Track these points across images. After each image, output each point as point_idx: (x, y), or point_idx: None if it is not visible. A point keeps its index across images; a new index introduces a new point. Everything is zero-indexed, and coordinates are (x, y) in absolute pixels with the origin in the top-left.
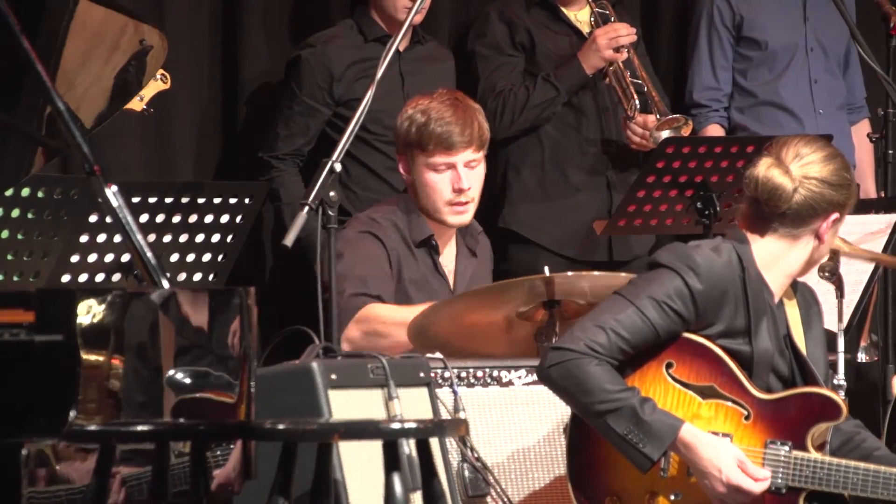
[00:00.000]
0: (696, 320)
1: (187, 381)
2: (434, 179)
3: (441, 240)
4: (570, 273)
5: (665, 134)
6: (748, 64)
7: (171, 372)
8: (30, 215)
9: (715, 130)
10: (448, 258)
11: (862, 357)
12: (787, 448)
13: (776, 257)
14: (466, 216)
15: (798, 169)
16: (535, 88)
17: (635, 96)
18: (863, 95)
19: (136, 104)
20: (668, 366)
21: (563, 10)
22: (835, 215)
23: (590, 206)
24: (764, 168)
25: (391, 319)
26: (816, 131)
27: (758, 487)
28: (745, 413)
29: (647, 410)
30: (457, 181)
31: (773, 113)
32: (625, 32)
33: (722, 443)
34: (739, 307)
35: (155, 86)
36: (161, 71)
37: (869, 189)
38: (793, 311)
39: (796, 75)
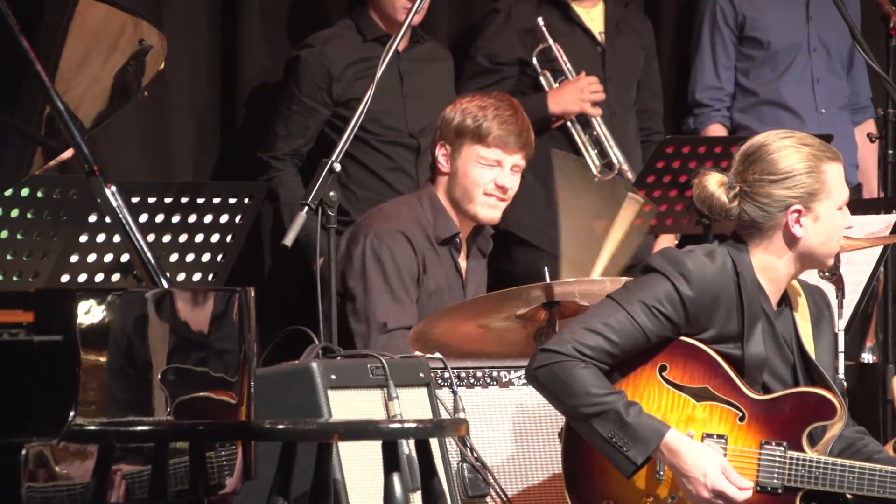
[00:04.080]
0: (687, 325)
1: (187, 381)
2: (479, 171)
3: (462, 238)
4: (571, 280)
5: None
6: (750, 63)
7: (171, 372)
8: (29, 215)
9: (717, 130)
10: (463, 256)
11: (868, 357)
12: (782, 448)
13: (765, 262)
14: (497, 213)
15: (734, 176)
16: None
17: (594, 158)
18: (868, 96)
19: None
20: (662, 368)
21: (575, 7)
22: (794, 207)
23: None
24: (698, 188)
25: None
26: (818, 131)
27: (741, 496)
28: (740, 414)
29: (632, 414)
30: (500, 179)
31: (774, 112)
32: (599, 89)
33: (707, 449)
34: (732, 312)
35: None
36: None
37: (873, 189)
38: (803, 315)
39: (798, 75)
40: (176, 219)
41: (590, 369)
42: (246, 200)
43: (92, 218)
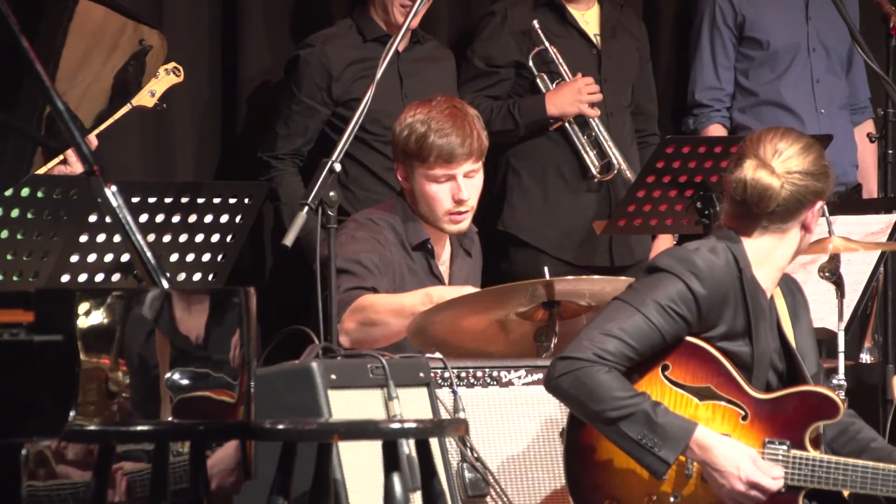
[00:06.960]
0: (698, 323)
1: (187, 381)
2: (434, 190)
3: (437, 243)
4: (570, 277)
5: None
6: (750, 64)
7: (171, 372)
8: (29, 215)
9: (717, 130)
10: (444, 259)
11: (866, 358)
12: (785, 447)
13: (767, 254)
14: (464, 224)
15: (780, 165)
16: (498, 116)
17: (594, 159)
18: (867, 96)
19: (149, 100)
20: (664, 368)
21: (571, 9)
22: (819, 203)
23: (590, 210)
24: (751, 171)
25: (384, 307)
26: (818, 131)
27: (775, 485)
28: (743, 413)
29: (659, 414)
30: (457, 192)
31: (774, 112)
32: (596, 90)
33: (735, 443)
34: (739, 308)
35: (167, 80)
36: (173, 64)
37: (872, 190)
38: (780, 303)
39: (798, 75)
40: (176, 219)
41: (612, 373)
42: (246, 200)
43: (92, 218)
